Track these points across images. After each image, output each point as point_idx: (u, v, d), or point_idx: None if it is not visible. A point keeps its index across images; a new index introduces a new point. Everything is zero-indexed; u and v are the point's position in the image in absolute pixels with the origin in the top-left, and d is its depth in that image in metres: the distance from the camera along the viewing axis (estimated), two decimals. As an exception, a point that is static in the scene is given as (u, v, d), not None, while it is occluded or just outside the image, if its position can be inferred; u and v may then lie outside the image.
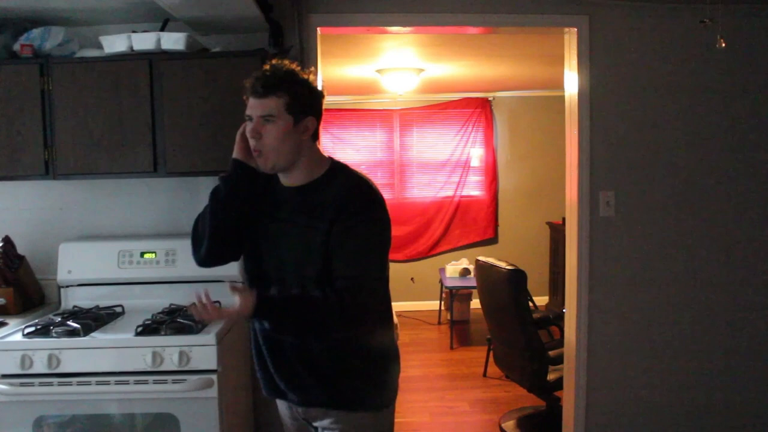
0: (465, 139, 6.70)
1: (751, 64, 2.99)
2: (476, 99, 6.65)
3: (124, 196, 2.85)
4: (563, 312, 3.29)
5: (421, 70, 5.00)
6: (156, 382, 2.19)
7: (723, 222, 3.05)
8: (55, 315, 2.50)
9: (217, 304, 1.60)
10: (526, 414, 3.93)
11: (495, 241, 6.76)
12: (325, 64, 3.36)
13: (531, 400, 3.96)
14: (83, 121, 2.49)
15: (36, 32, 2.52)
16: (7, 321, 2.44)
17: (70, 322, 2.32)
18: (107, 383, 2.18)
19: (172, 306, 2.55)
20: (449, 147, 6.71)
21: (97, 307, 2.58)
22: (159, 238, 2.74)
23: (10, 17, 2.56)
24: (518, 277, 3.56)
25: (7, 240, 2.66)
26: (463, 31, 3.32)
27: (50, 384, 2.18)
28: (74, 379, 2.18)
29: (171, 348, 2.18)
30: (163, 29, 2.57)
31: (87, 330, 2.28)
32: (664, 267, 3.05)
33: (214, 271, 1.90)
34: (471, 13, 2.93)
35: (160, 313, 2.47)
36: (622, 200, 3.01)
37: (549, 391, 3.56)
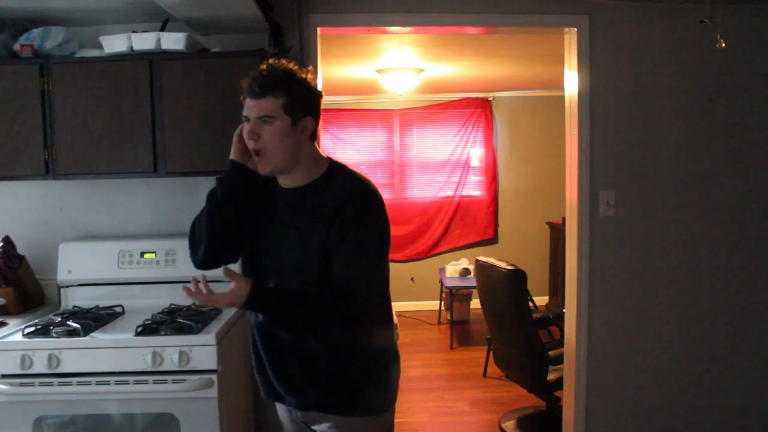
0: (465, 139, 6.69)
1: (751, 64, 2.99)
2: (476, 99, 6.65)
3: (124, 196, 2.85)
4: (563, 312, 3.29)
5: (421, 70, 5.00)
6: (156, 382, 2.18)
7: (723, 222, 3.05)
8: (55, 315, 2.50)
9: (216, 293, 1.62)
10: (526, 414, 3.93)
11: (495, 241, 6.76)
12: (325, 64, 3.36)
13: (531, 400, 3.96)
14: (83, 121, 2.49)
15: (36, 32, 2.52)
16: (7, 321, 2.44)
17: (70, 322, 2.32)
18: (107, 383, 2.18)
19: (172, 306, 2.55)
20: (449, 147, 6.71)
21: (97, 307, 2.58)
22: (159, 238, 2.74)
23: (10, 17, 2.56)
24: (518, 277, 3.56)
25: (7, 240, 2.66)
26: (463, 31, 3.32)
27: (50, 384, 2.18)
28: (74, 379, 2.18)
29: (171, 348, 2.18)
30: (163, 29, 2.57)
31: (87, 330, 2.28)
32: (664, 267, 3.05)
33: (215, 271, 1.90)
34: (471, 13, 2.93)
35: (160, 313, 2.47)
36: (622, 200, 3.01)
37: (549, 391, 3.56)
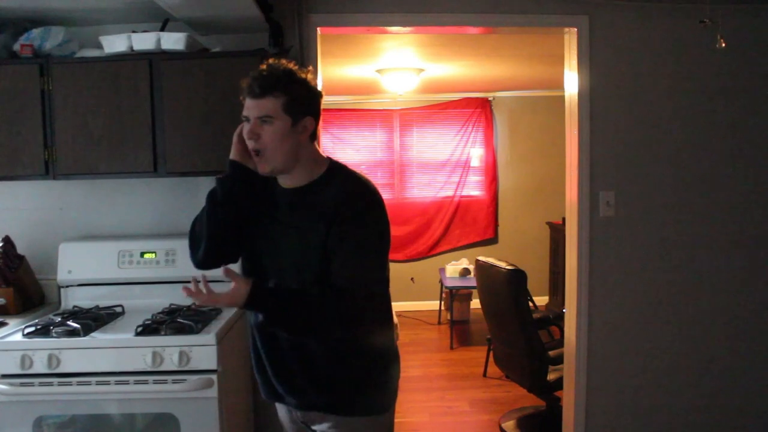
0: (465, 139, 6.69)
1: (751, 64, 2.99)
2: (476, 99, 6.65)
3: (124, 196, 2.85)
4: (563, 312, 3.29)
5: (421, 70, 5.00)
6: (156, 382, 2.18)
7: (723, 222, 3.05)
8: (55, 315, 2.50)
9: (216, 294, 1.61)
10: (526, 414, 3.93)
11: (495, 241, 6.76)
12: (325, 64, 3.36)
13: (531, 400, 3.96)
14: (83, 121, 2.49)
15: (36, 32, 2.52)
16: (7, 321, 2.44)
17: (70, 322, 2.32)
18: (107, 383, 2.18)
19: (172, 306, 2.55)
20: (449, 147, 6.71)
21: (97, 307, 2.58)
22: (159, 238, 2.74)
23: (10, 17, 2.56)
24: (518, 277, 3.56)
25: (7, 240, 2.66)
26: (463, 31, 3.32)
27: (50, 384, 2.18)
28: (74, 379, 2.18)
29: (171, 348, 2.18)
30: (163, 29, 2.57)
31: (87, 330, 2.28)
32: (664, 267, 3.05)
33: (215, 271, 1.89)
34: (471, 13, 2.93)
35: (160, 313, 2.47)
36: (622, 200, 3.01)
37: (549, 391, 3.56)
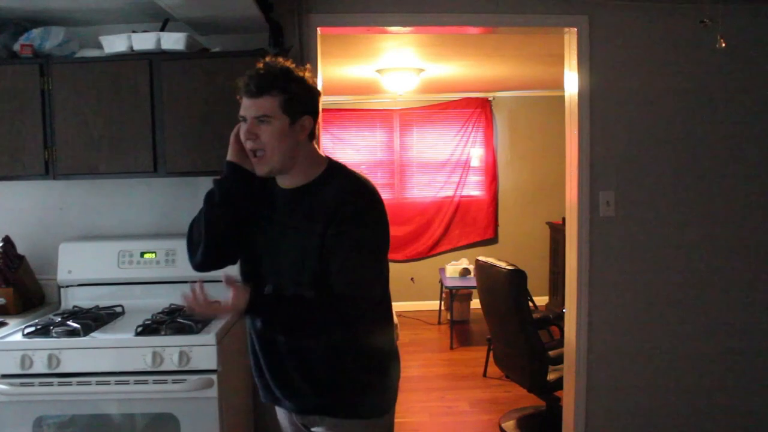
0: (465, 139, 6.69)
1: (751, 64, 2.99)
2: (476, 99, 6.65)
3: (124, 196, 2.85)
4: (563, 312, 3.29)
5: (421, 70, 5.00)
6: (156, 382, 2.18)
7: (723, 222, 3.05)
8: (55, 315, 2.50)
9: (215, 303, 1.59)
10: (526, 414, 3.93)
11: (495, 241, 6.76)
12: (325, 64, 3.36)
13: (531, 400, 3.96)
14: (83, 121, 2.49)
15: (36, 32, 2.52)
16: (7, 321, 2.44)
17: (70, 322, 2.32)
18: (107, 383, 2.18)
19: (172, 306, 2.55)
20: (449, 147, 6.71)
21: (97, 307, 2.58)
22: (159, 238, 2.74)
23: (10, 17, 2.56)
24: (518, 277, 3.56)
25: (7, 240, 2.66)
26: (463, 31, 3.31)
27: (50, 384, 2.18)
28: (74, 379, 2.18)
29: (171, 348, 2.18)
30: (163, 29, 2.57)
31: (87, 330, 2.28)
32: (664, 267, 3.05)
33: (215, 271, 1.90)
34: (471, 13, 2.93)
35: (160, 313, 2.47)
36: (622, 200, 3.01)
37: (549, 391, 3.56)
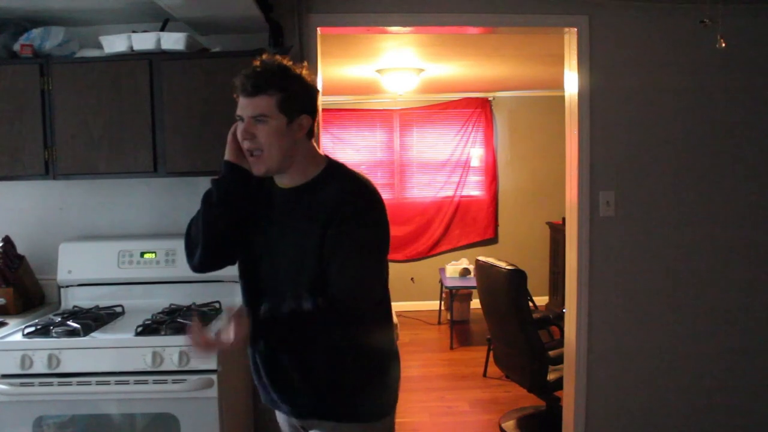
0: (465, 139, 6.69)
1: (751, 64, 2.99)
2: (476, 99, 6.65)
3: (124, 196, 2.85)
4: (563, 312, 3.29)
5: (421, 70, 5.00)
6: (156, 382, 2.18)
7: (723, 222, 3.05)
8: (55, 315, 2.50)
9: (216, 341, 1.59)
10: (526, 414, 3.93)
11: (495, 241, 6.76)
12: (325, 64, 3.36)
13: (531, 400, 3.96)
14: (83, 121, 2.49)
15: (36, 32, 2.52)
16: (7, 321, 2.44)
17: (70, 322, 2.32)
18: (107, 383, 2.18)
19: (172, 306, 2.55)
20: (449, 147, 6.71)
21: (97, 307, 2.58)
22: (159, 238, 2.74)
23: (10, 17, 2.56)
24: (518, 277, 3.56)
25: (7, 240, 2.66)
26: (463, 31, 3.31)
27: (50, 384, 2.18)
28: (74, 379, 2.18)
29: (171, 348, 2.18)
30: (163, 29, 2.57)
31: (87, 330, 2.28)
32: (664, 267, 3.05)
33: (214, 275, 1.88)
34: (471, 13, 2.93)
35: (160, 313, 2.47)
36: (622, 200, 3.01)
37: (549, 391, 3.56)
